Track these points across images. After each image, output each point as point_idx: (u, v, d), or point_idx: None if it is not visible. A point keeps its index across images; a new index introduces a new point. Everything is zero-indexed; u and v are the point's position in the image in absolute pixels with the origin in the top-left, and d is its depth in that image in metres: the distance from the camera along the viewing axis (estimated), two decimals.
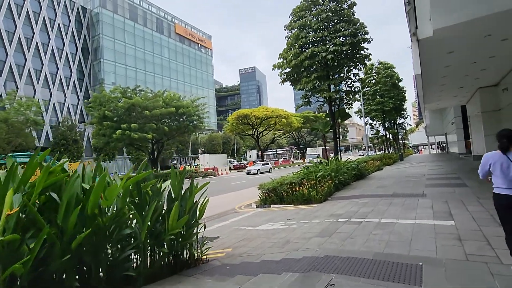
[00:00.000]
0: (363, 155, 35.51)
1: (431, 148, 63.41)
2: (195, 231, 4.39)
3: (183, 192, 4.35)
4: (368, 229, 4.97)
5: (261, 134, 47.52)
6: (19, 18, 42.32)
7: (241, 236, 5.86)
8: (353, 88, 13.35)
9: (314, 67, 12.82)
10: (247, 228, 6.67)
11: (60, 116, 45.60)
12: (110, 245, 3.32)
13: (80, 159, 48.90)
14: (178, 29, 70.38)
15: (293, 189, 9.63)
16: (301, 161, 54.12)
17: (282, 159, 60.00)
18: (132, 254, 3.60)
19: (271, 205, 9.96)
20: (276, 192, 10.01)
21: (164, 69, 65.66)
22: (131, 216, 3.52)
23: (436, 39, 7.52)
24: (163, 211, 3.90)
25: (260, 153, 48.10)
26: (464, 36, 7.78)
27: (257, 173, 29.20)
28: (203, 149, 70.34)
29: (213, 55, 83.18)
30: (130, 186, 3.67)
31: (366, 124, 35.23)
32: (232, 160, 63.23)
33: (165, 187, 4.27)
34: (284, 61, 13.08)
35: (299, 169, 12.02)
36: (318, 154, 41.05)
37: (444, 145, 53.77)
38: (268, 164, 33.91)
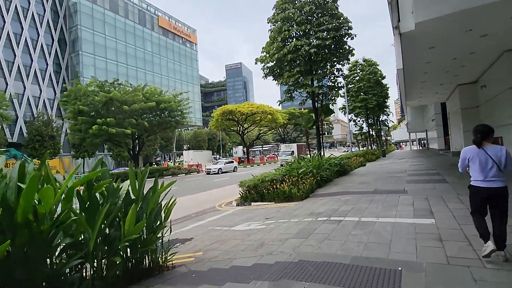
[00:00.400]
0: (347, 151, 35.84)
1: (412, 145, 65.21)
2: (160, 234, 3.99)
3: (145, 193, 3.94)
4: (347, 229, 4.72)
5: (247, 130, 47.11)
6: None
7: (215, 238, 5.50)
8: (336, 83, 13.19)
9: (298, 61, 12.53)
10: (223, 228, 6.31)
11: (35, 110, 43.38)
12: (52, 255, 2.87)
13: (58, 156, 46.93)
14: (162, 22, 68.41)
15: (274, 186, 9.35)
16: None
17: (268, 155, 59.98)
18: (84, 264, 3.18)
19: (252, 203, 9.64)
20: (256, 190, 9.70)
21: (147, 63, 63.75)
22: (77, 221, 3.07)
23: (418, 32, 7.37)
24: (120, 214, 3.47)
25: (245, 149, 47.73)
26: (445, 30, 7.68)
27: (218, 173, 26.18)
28: (188, 145, 69.17)
29: (198, 50, 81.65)
30: (82, 187, 3.24)
31: (350, 120, 35.56)
32: (218, 156, 62.57)
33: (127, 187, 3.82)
34: (267, 55, 12.71)
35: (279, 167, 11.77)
36: (292, 151, 36.04)
37: (424, 141, 55.35)
38: (232, 162, 30.78)
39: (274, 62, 12.50)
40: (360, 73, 33.27)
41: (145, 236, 3.65)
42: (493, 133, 3.08)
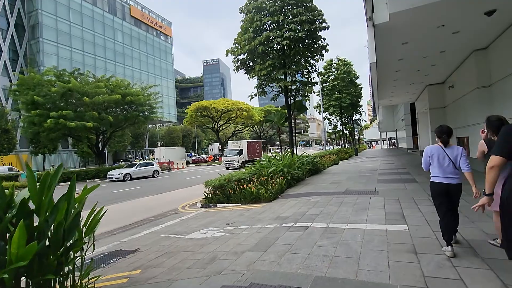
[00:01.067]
0: (322, 149, 36.04)
1: (383, 144, 67.66)
2: (80, 252, 3.15)
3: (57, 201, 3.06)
4: (313, 239, 4.14)
5: (222, 127, 46.09)
6: None
7: (164, 249, 4.71)
8: (310, 79, 12.76)
9: (270, 54, 11.92)
10: (178, 236, 5.53)
11: None
12: None
13: (14, 152, 43.04)
14: (134, 12, 65.01)
15: (241, 186, 8.68)
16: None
17: None
18: None
19: (217, 204, 8.92)
20: (222, 190, 8.99)
21: (117, 54, 60.29)
22: None
23: (392, 25, 7.01)
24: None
25: (220, 146, 46.69)
26: (418, 24, 7.39)
27: (124, 179, 20.00)
28: (162, 142, 66.78)
29: (175, 44, 78.84)
30: None
31: (324, 119, 35.81)
32: (193, 153, 60.84)
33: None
34: (238, 46, 11.96)
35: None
36: (241, 149, 27.88)
37: (394, 141, 57.57)
38: (152, 165, 23.59)
39: (246, 54, 11.79)
40: (335, 72, 33.52)
41: (50, 258, 2.79)
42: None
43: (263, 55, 11.48)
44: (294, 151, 13.39)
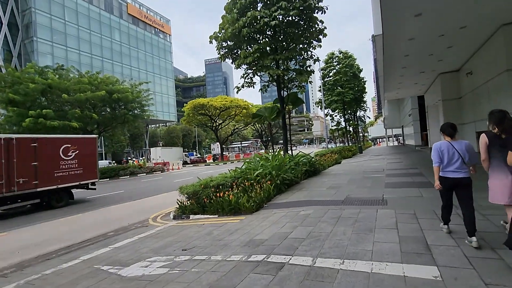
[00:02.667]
0: (325, 147, 34.32)
1: (389, 141, 65.50)
2: None
3: None
4: None
5: (220, 125, 44.53)
6: None
7: None
8: (305, 67, 11.11)
9: (259, 38, 10.31)
10: (110, 270, 4.00)
11: None
12: None
13: None
14: (131, 10, 63.75)
15: (218, 194, 7.14)
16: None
17: (247, 151, 57.56)
18: None
19: (191, 215, 7.40)
20: (197, 199, 7.46)
21: (115, 53, 59.09)
22: None
23: None
24: None
25: (222, 145, 45.17)
26: None
27: None
28: (162, 142, 65.78)
29: (175, 42, 77.66)
30: None
31: (326, 115, 34.07)
32: (193, 153, 59.46)
33: None
34: (222, 31, 10.38)
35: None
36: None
37: (400, 138, 55.47)
38: None
39: (230, 39, 10.19)
40: (337, 66, 31.73)
41: None
42: None
43: (250, 40, 9.87)
44: (289, 150, 11.78)
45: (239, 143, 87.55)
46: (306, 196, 7.49)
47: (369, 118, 63.04)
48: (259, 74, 10.61)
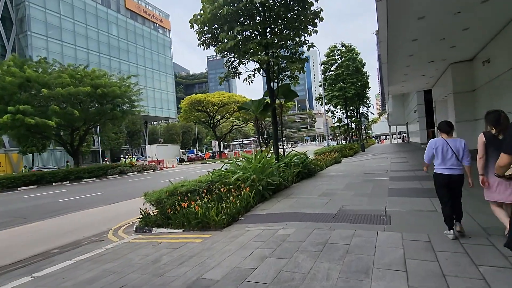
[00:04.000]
0: (326, 145, 32.86)
1: (393, 138, 63.81)
2: None
3: None
4: None
5: (219, 122, 43.29)
6: None
7: None
8: (298, 54, 9.74)
9: (243, 20, 8.96)
10: None
11: None
12: None
13: (4, 151, 41.25)
14: (129, 4, 62.41)
15: (184, 205, 5.87)
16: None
17: (249, 149, 56.24)
18: None
19: (154, 228, 6.18)
20: (161, 208, 6.21)
21: (112, 48, 57.86)
22: None
23: None
24: None
25: (220, 143, 43.94)
26: None
27: None
28: (161, 139, 64.87)
29: (178, 39, 76.56)
30: None
31: (327, 111, 32.63)
32: (193, 150, 58.32)
33: None
34: (201, 11, 9.04)
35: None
36: None
37: (404, 135, 53.78)
38: None
39: (210, 22, 8.83)
40: (339, 60, 30.21)
41: None
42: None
43: (232, 21, 8.51)
44: (279, 150, 10.46)
45: (241, 140, 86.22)
46: (292, 206, 6.18)
47: (373, 114, 61.32)
48: (243, 61, 9.25)
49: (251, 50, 8.51)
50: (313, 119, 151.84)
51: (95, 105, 19.88)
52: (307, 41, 9.65)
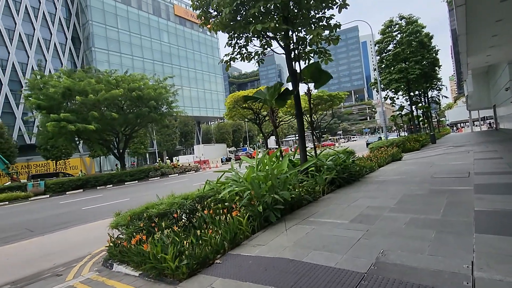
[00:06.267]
0: (385, 137, 28.42)
1: (474, 125, 52.87)
2: None
3: None
4: None
5: (264, 118, 41.51)
6: None
7: None
8: (325, 20, 7.14)
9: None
10: None
11: None
12: None
13: (79, 155, 46.64)
14: (178, 11, 65.06)
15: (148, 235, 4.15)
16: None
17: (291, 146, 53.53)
18: None
19: (115, 264, 4.62)
20: (118, 238, 4.62)
21: (164, 55, 61.07)
22: None
23: None
24: None
25: (267, 140, 42.29)
26: None
27: None
28: (215, 138, 66.57)
29: (219, 37, 77.45)
30: None
31: (385, 99, 28.04)
32: (246, 148, 58.14)
33: None
34: None
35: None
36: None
37: (491, 121, 44.09)
38: None
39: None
40: (397, 36, 25.48)
41: None
42: None
43: None
44: (307, 149, 8.07)
45: (293, 136, 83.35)
46: (300, 243, 3.90)
47: (447, 98, 52.11)
48: (250, 36, 7.09)
49: (260, 18, 6.32)
50: (373, 109, 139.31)
51: (133, 109, 20.22)
52: (333, 17, 6.99)
